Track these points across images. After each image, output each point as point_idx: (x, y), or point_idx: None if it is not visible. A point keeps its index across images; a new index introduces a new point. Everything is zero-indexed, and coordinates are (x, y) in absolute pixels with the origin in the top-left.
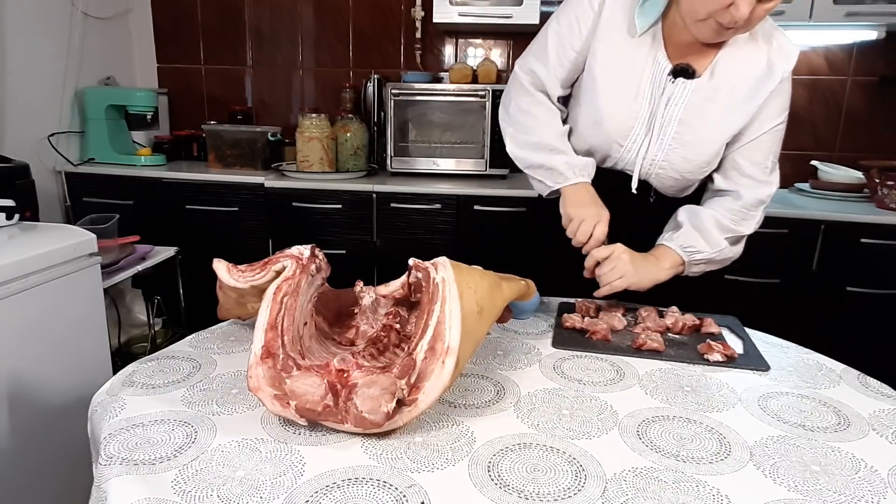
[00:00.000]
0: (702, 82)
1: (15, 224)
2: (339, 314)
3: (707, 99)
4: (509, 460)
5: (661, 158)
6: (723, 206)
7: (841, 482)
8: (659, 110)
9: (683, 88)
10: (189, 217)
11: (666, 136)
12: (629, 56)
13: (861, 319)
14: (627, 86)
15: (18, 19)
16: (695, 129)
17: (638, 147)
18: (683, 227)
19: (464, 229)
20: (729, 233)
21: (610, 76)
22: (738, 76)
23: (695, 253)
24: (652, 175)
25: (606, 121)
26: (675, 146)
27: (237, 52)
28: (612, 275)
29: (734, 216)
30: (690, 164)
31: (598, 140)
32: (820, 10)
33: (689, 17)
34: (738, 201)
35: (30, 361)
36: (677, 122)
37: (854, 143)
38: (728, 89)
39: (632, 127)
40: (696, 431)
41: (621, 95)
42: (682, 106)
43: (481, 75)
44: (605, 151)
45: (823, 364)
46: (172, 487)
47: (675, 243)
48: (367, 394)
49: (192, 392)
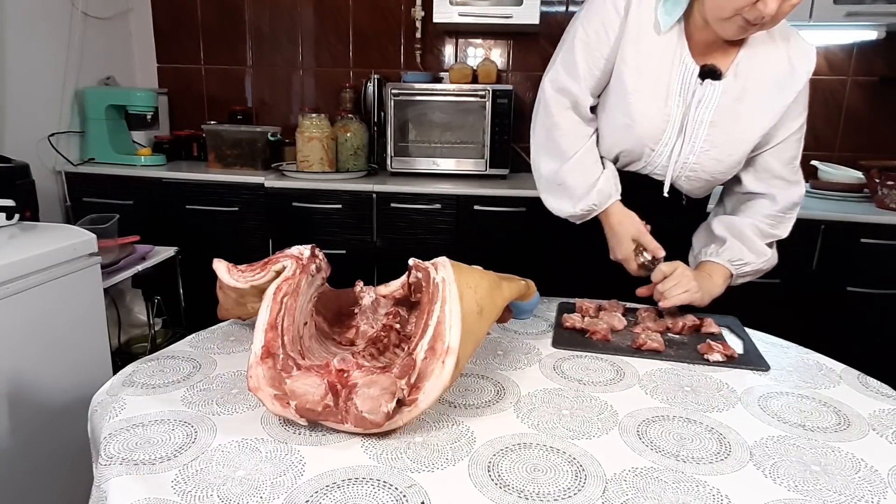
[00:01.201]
0: (728, 83)
1: (15, 224)
2: (339, 314)
3: (736, 99)
4: (509, 460)
5: (692, 161)
6: (759, 211)
7: (841, 482)
8: (690, 113)
9: (713, 90)
10: (189, 217)
11: (698, 138)
12: (657, 57)
13: (861, 319)
14: (657, 87)
15: (18, 19)
16: (726, 131)
17: (669, 150)
18: (728, 242)
19: (464, 229)
20: (769, 238)
21: (640, 78)
22: (763, 75)
23: (743, 265)
24: (682, 178)
25: (638, 124)
26: (707, 148)
27: (237, 52)
28: (676, 289)
29: (772, 221)
30: (721, 165)
31: (628, 144)
32: (820, 10)
33: (713, 14)
34: (775, 205)
35: (30, 361)
36: (708, 124)
37: (854, 143)
38: (754, 89)
39: (664, 130)
40: (696, 431)
41: (652, 97)
42: (713, 108)
43: (481, 75)
44: (636, 156)
45: (823, 364)
46: (172, 487)
47: (722, 258)
48: (367, 394)
49: (192, 392)
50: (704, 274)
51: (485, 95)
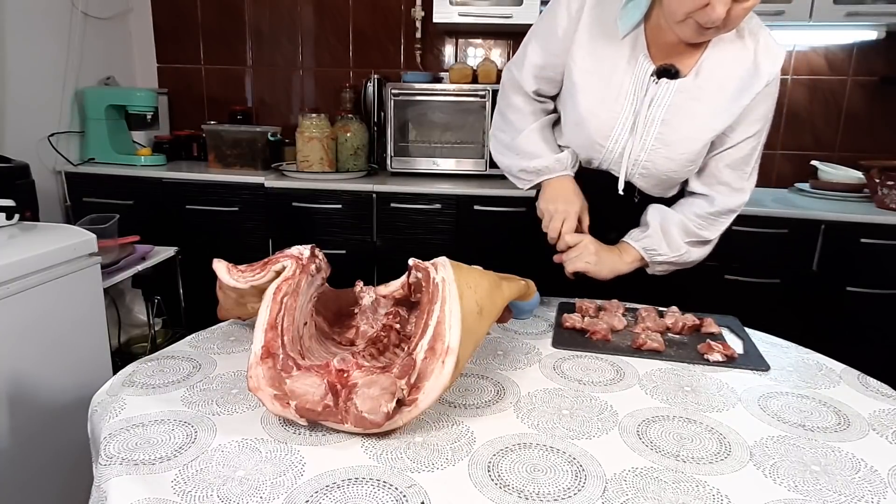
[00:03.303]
0: (686, 82)
1: (15, 224)
2: (339, 314)
3: (692, 98)
4: (509, 460)
5: (644, 159)
6: (692, 210)
7: (841, 482)
8: (642, 111)
9: (667, 89)
10: (189, 217)
11: (649, 136)
12: (611, 58)
13: (861, 319)
14: (608, 87)
15: (18, 19)
16: (678, 130)
17: (621, 148)
18: (650, 229)
19: (464, 229)
20: (693, 237)
21: (589, 79)
22: (725, 75)
23: (656, 255)
24: (636, 175)
25: (586, 122)
26: (658, 146)
27: (237, 52)
28: (576, 261)
29: (702, 221)
30: (673, 164)
31: (580, 140)
32: (820, 10)
33: (668, 18)
34: (710, 207)
35: (30, 361)
36: (660, 122)
37: (854, 143)
38: (714, 89)
39: (612, 127)
40: (696, 431)
41: (601, 97)
42: (666, 106)
43: (481, 75)
44: (588, 152)
45: (823, 364)
46: (172, 487)
47: (639, 244)
48: (367, 394)
49: (192, 392)
50: (615, 251)
51: (485, 95)
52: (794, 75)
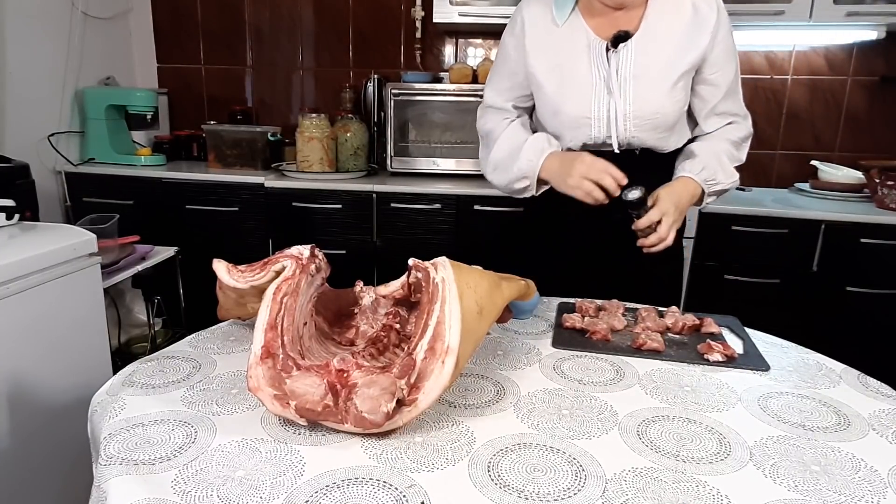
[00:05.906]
0: (640, 36)
1: (15, 224)
2: (339, 314)
3: (651, 41)
4: (509, 460)
5: (631, 112)
6: (726, 136)
7: (841, 482)
8: (612, 76)
9: (628, 51)
10: (189, 217)
11: (628, 93)
12: (563, 48)
13: (861, 319)
14: (571, 73)
15: (18, 19)
16: (650, 77)
17: (605, 112)
18: (702, 160)
19: (464, 229)
20: (736, 161)
21: (551, 74)
22: (672, 20)
23: (714, 185)
24: (629, 130)
25: (562, 105)
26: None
27: (237, 52)
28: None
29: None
30: (656, 104)
31: (567, 123)
32: (820, 10)
33: None
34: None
35: (30, 361)
36: (633, 78)
37: (854, 143)
38: (665, 31)
39: (590, 98)
40: (696, 431)
41: (568, 83)
42: (632, 64)
43: (481, 75)
44: (577, 131)
45: (823, 364)
46: (172, 487)
47: (699, 177)
48: (366, 394)
49: (192, 392)
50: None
51: None
52: (794, 75)
